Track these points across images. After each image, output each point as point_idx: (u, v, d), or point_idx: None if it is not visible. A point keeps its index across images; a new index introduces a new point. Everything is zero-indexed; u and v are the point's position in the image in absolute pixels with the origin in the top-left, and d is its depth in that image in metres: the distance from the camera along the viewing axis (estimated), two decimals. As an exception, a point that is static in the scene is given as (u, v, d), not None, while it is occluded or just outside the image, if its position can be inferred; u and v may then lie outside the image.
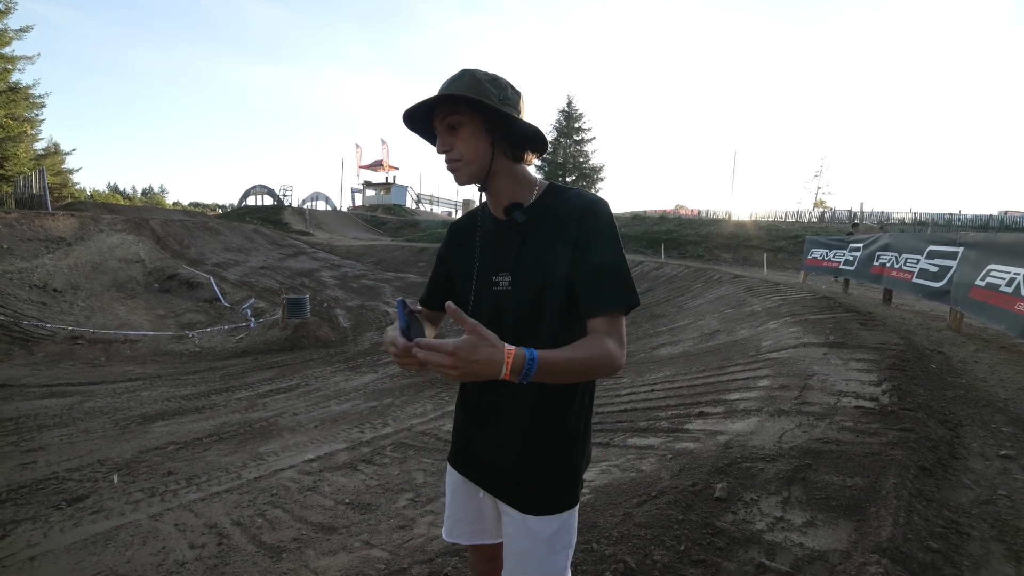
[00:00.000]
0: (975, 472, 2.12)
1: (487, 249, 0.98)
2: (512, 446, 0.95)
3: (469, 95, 0.85)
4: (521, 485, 0.94)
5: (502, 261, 0.95)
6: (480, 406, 1.00)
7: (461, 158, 0.90)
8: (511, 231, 0.95)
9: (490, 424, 0.99)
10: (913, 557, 1.51)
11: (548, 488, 0.94)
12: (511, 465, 0.95)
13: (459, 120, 0.89)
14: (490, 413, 0.98)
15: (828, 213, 29.83)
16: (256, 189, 34.57)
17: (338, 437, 4.05)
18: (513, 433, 0.94)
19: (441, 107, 0.89)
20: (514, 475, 0.95)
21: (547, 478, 0.94)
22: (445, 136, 0.90)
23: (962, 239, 5.36)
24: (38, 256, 11.16)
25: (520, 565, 0.95)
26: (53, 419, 4.63)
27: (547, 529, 0.93)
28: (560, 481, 0.94)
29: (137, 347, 8.26)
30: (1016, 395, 3.12)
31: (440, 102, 0.88)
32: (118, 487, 3.17)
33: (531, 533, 0.93)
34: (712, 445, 2.50)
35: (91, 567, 2.25)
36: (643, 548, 1.69)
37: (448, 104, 0.88)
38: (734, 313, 6.80)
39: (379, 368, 6.84)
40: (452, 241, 1.08)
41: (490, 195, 0.96)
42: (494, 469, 0.98)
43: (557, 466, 0.94)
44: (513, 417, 0.94)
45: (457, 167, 0.91)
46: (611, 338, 0.81)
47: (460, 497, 1.08)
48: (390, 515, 2.57)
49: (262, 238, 18.67)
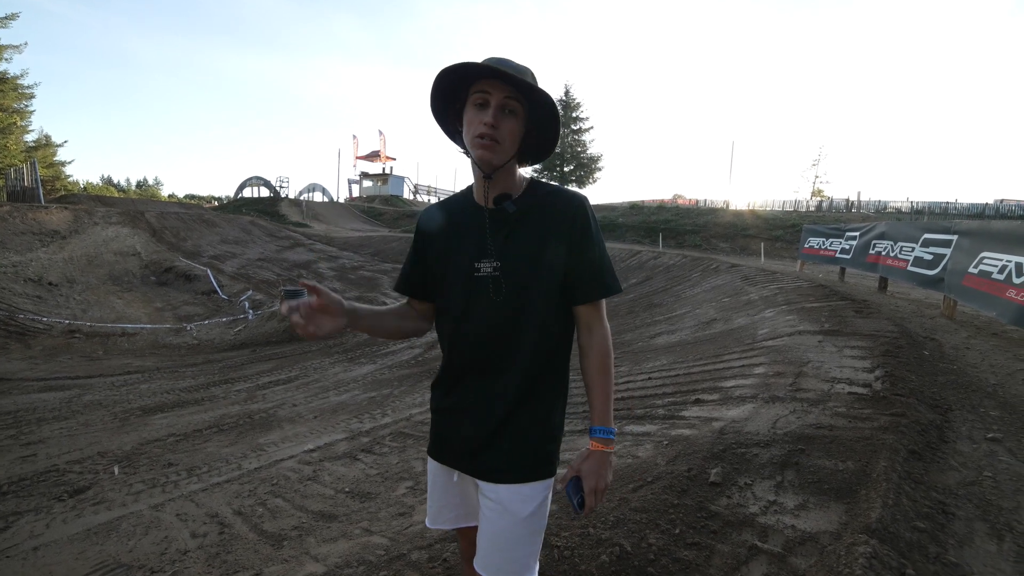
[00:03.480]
0: (963, 455, 2.16)
1: (469, 236, 0.99)
2: (490, 421, 0.97)
3: (549, 96, 0.91)
4: (500, 454, 0.96)
5: (487, 248, 0.96)
6: (463, 390, 1.02)
7: (502, 141, 0.91)
8: (499, 220, 0.97)
9: (468, 407, 1.00)
10: (901, 537, 1.55)
11: (527, 455, 0.96)
12: (489, 435, 0.97)
13: (516, 108, 0.92)
14: (471, 395, 1.00)
15: (826, 202, 29.84)
16: (252, 181, 34.26)
17: (337, 427, 4.08)
18: (494, 408, 0.97)
19: (502, 86, 0.90)
20: (494, 446, 0.97)
21: (527, 445, 0.97)
22: (496, 113, 0.90)
23: (956, 227, 5.38)
24: (32, 250, 11.07)
25: (494, 545, 0.97)
26: (52, 412, 4.64)
27: (525, 508, 0.95)
28: (539, 448, 0.98)
29: (135, 340, 8.25)
30: (1005, 380, 3.17)
31: (518, 85, 0.89)
32: (119, 478, 3.19)
33: (508, 513, 0.95)
34: (708, 431, 2.53)
35: (94, 556, 2.28)
36: (639, 532, 1.73)
37: (515, 88, 0.90)
38: (731, 302, 6.83)
39: (378, 359, 6.87)
40: (431, 224, 1.07)
41: (491, 185, 0.97)
42: (471, 442, 0.99)
43: (535, 432, 0.98)
44: (495, 395, 0.97)
45: (493, 148, 0.91)
46: (600, 323, 1.00)
47: (439, 483, 1.09)
48: (390, 503, 2.61)
49: (259, 230, 18.56)
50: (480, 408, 0.98)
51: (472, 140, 0.92)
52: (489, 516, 0.98)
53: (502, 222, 0.97)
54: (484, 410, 0.97)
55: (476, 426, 0.98)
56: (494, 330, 0.96)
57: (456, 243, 1.00)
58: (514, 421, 0.96)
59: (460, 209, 1.03)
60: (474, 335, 0.98)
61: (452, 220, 1.03)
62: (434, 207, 1.10)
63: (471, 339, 0.98)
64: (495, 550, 0.97)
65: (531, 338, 0.95)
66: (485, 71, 0.88)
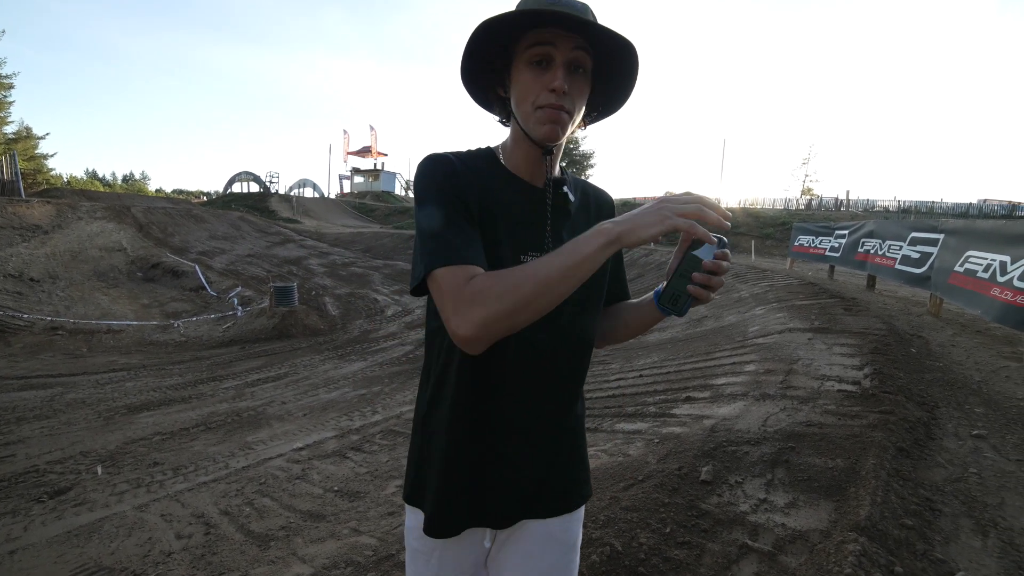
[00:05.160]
0: (949, 451, 2.19)
1: (521, 220, 0.75)
2: (548, 448, 0.80)
3: (634, 47, 0.69)
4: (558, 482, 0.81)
5: (546, 241, 0.76)
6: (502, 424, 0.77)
7: (573, 111, 0.70)
8: (557, 208, 0.78)
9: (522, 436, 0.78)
10: (889, 534, 1.56)
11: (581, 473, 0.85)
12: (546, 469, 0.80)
13: (586, 63, 0.70)
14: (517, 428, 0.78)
15: (815, 200, 30.17)
16: (242, 176, 33.81)
17: (327, 425, 4.03)
18: (550, 434, 0.80)
19: (570, 35, 0.67)
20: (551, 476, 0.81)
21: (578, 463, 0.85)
22: (564, 72, 0.68)
23: (943, 226, 5.45)
24: (12, 244, 10.81)
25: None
26: (33, 411, 4.53)
27: (574, 533, 0.84)
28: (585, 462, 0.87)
29: (120, 337, 8.10)
30: (989, 377, 3.22)
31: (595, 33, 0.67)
32: (102, 479, 3.13)
33: (559, 543, 0.82)
34: (698, 429, 2.53)
35: (74, 559, 2.23)
36: (629, 531, 1.72)
37: (585, 37, 0.68)
38: (722, 299, 6.87)
39: (368, 356, 6.81)
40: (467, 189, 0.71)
41: (549, 163, 0.76)
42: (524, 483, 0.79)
43: (581, 446, 0.86)
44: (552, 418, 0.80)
45: (562, 119, 0.69)
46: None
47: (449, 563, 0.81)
48: (379, 502, 2.58)
49: (248, 226, 18.31)
50: (538, 436, 0.78)
51: (532, 109, 0.69)
52: (531, 553, 0.81)
53: (559, 210, 0.78)
54: (543, 438, 0.79)
55: (530, 464, 0.78)
56: (559, 341, 0.76)
57: (500, 225, 0.73)
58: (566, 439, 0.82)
59: (500, 183, 0.76)
60: (535, 348, 0.74)
61: (491, 193, 0.74)
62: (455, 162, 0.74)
63: (519, 355, 0.74)
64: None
65: (584, 350, 0.81)
66: (549, 16, 0.66)
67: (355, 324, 9.15)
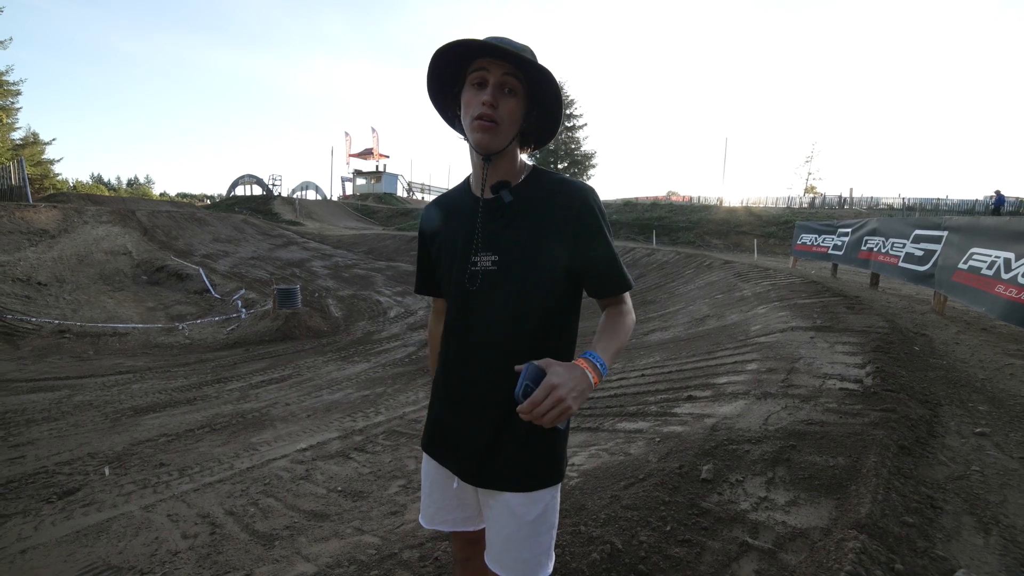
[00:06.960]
0: (951, 449, 2.19)
1: (465, 228, 0.95)
2: (490, 426, 0.93)
3: (550, 72, 0.85)
4: (504, 462, 0.92)
5: (485, 241, 0.92)
6: (462, 391, 0.97)
7: (501, 122, 0.87)
8: (496, 211, 0.93)
9: (466, 407, 0.96)
10: (889, 532, 1.56)
11: (532, 463, 0.93)
12: (490, 440, 0.93)
13: (516, 86, 0.87)
14: (470, 397, 0.96)
15: (818, 198, 30.02)
16: (245, 179, 33.97)
17: (330, 426, 4.06)
18: (494, 412, 0.92)
19: (500, 63, 0.86)
20: (496, 454, 0.93)
21: (531, 452, 0.93)
22: (495, 92, 0.86)
23: (947, 223, 5.42)
24: (20, 249, 10.92)
25: (505, 547, 0.95)
26: (41, 413, 4.58)
27: (532, 512, 0.93)
28: (544, 454, 0.94)
29: (126, 340, 8.16)
30: (993, 375, 3.20)
31: (517, 62, 0.85)
32: (109, 479, 3.16)
33: (515, 516, 0.93)
34: (699, 428, 2.54)
35: (83, 558, 2.26)
36: (630, 529, 1.73)
37: (514, 65, 0.86)
38: (724, 298, 6.86)
39: (371, 357, 6.84)
40: (431, 221, 1.05)
41: (489, 170, 0.92)
42: (472, 448, 0.95)
43: (539, 438, 0.92)
44: (491, 396, 0.93)
45: (492, 129, 0.86)
46: (626, 306, 0.97)
47: (437, 484, 1.05)
48: (382, 502, 2.60)
49: (252, 228, 18.41)
50: (480, 412, 0.94)
51: (470, 122, 0.87)
52: (496, 518, 0.95)
53: (498, 212, 0.92)
54: (484, 414, 0.93)
55: (476, 431, 0.94)
56: (493, 329, 0.92)
57: (452, 236, 0.96)
58: (516, 426, 0.90)
59: (457, 201, 0.99)
60: (472, 333, 0.94)
61: (449, 214, 1.00)
62: (432, 203, 1.07)
63: (470, 338, 0.94)
64: (506, 550, 0.95)
65: (532, 337, 0.91)
66: (483, 48, 0.84)
67: (358, 326, 9.19)
